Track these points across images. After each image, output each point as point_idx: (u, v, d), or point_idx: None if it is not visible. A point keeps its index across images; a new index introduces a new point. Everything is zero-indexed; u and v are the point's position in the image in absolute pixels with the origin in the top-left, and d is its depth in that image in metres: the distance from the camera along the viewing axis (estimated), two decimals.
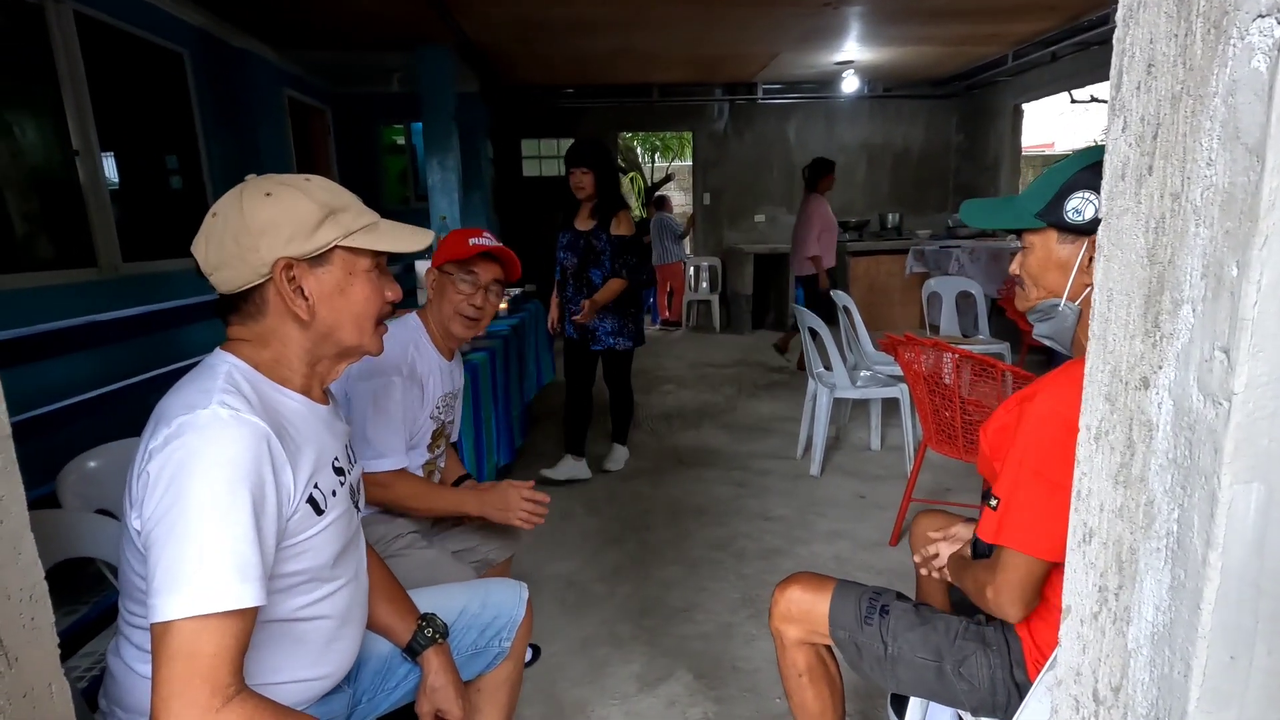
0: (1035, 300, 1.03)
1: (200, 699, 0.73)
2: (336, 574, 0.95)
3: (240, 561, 0.76)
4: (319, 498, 0.90)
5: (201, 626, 0.74)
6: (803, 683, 1.26)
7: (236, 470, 0.78)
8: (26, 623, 0.62)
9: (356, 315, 0.92)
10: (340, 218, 0.89)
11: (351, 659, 1.02)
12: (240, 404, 0.82)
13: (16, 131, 3.08)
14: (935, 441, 2.27)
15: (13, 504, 0.62)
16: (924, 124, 7.89)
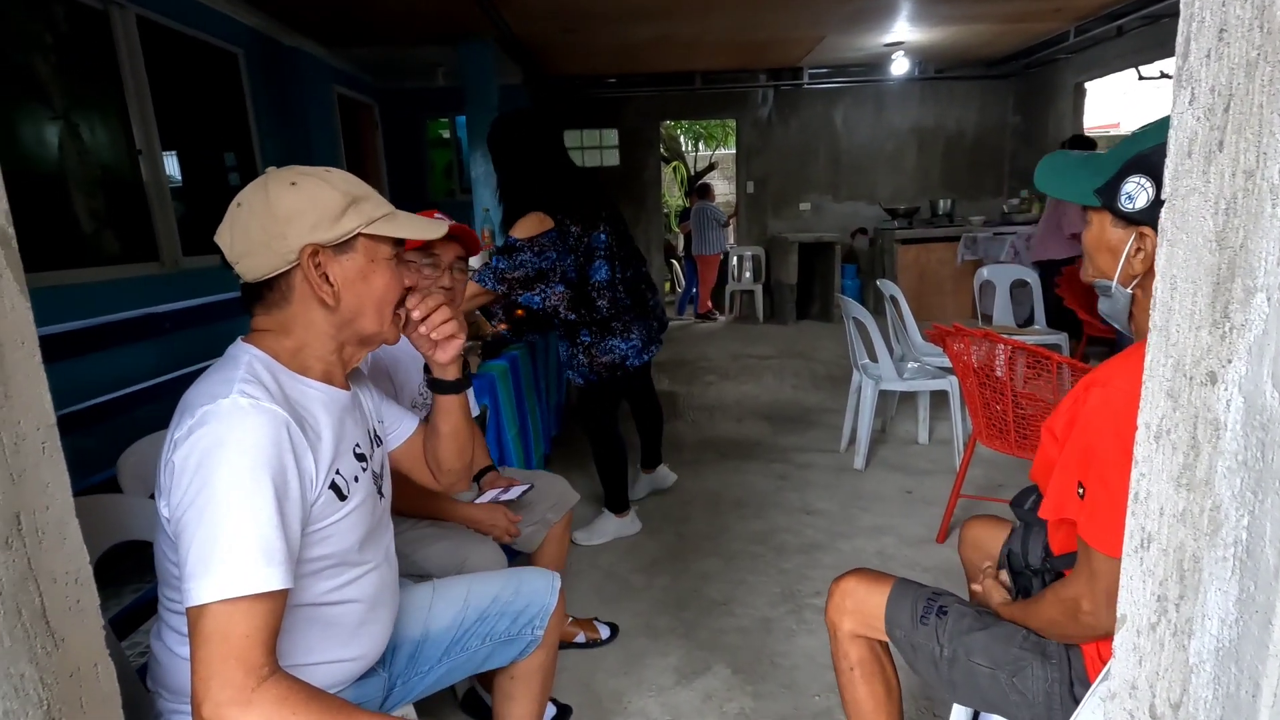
0: (1091, 277, 0.97)
1: (236, 678, 0.75)
2: (364, 558, 0.97)
3: (265, 545, 0.79)
4: (341, 484, 0.92)
5: (232, 609, 0.76)
6: (854, 676, 1.22)
7: (258, 457, 0.80)
8: (73, 605, 0.64)
9: (377, 301, 0.94)
10: (362, 206, 0.91)
11: (383, 641, 1.04)
12: (260, 393, 0.84)
13: (84, 132, 3.23)
14: (986, 436, 2.19)
15: (59, 490, 0.64)
16: (978, 106, 7.60)
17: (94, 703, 0.67)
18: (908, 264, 6.77)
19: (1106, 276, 0.94)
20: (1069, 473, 0.90)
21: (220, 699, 0.75)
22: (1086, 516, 0.87)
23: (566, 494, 1.87)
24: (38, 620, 0.61)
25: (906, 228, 6.89)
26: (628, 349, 2.40)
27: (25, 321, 0.61)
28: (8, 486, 0.58)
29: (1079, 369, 1.89)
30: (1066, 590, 0.94)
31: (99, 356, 2.54)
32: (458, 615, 1.18)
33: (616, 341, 2.39)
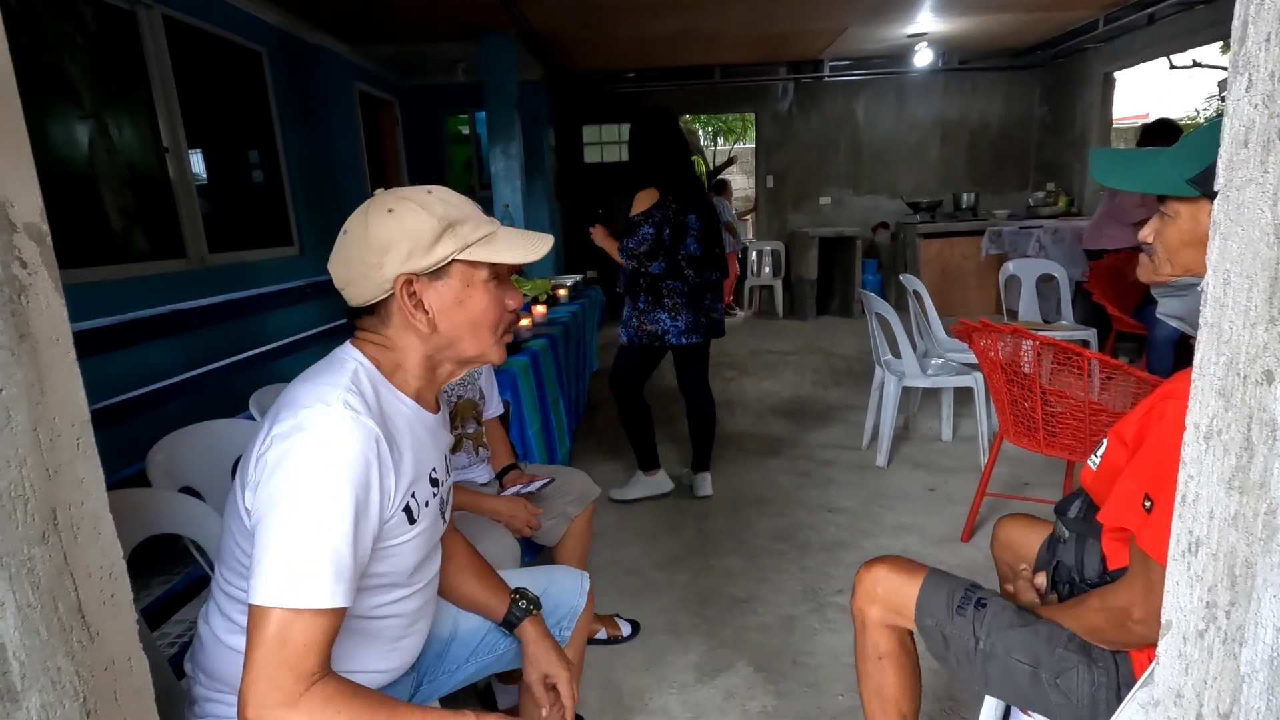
0: (1168, 276, 0.91)
1: (285, 684, 0.77)
2: (414, 580, 0.98)
3: (338, 565, 0.80)
4: (414, 507, 0.91)
5: (295, 618, 0.77)
6: (882, 665, 1.21)
7: (348, 473, 0.81)
8: (107, 599, 0.65)
9: (474, 325, 0.92)
10: (459, 230, 0.89)
11: (415, 654, 1.04)
12: (360, 405, 0.84)
13: (113, 131, 3.28)
14: (1013, 434, 2.15)
15: (93, 485, 0.64)
16: (1003, 97, 7.47)
17: (127, 696, 0.67)
18: (930, 259, 6.68)
19: (1194, 273, 0.87)
20: (1137, 483, 0.87)
21: (266, 702, 0.76)
22: (1152, 530, 0.84)
23: (588, 488, 1.88)
24: (73, 614, 0.61)
25: (929, 222, 6.80)
26: (670, 325, 2.68)
27: (60, 319, 0.61)
28: (44, 482, 0.59)
29: (1110, 365, 1.85)
30: (1116, 599, 0.92)
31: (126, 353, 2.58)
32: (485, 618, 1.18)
33: (663, 315, 2.67)
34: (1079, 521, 1.05)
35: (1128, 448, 0.91)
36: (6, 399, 0.56)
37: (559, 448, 2.51)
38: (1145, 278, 0.97)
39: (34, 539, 0.57)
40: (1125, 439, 0.93)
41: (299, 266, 4.53)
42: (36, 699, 0.57)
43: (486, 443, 1.83)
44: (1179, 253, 0.89)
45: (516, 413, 2.13)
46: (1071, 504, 1.08)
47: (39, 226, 0.60)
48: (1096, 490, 0.99)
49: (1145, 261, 0.96)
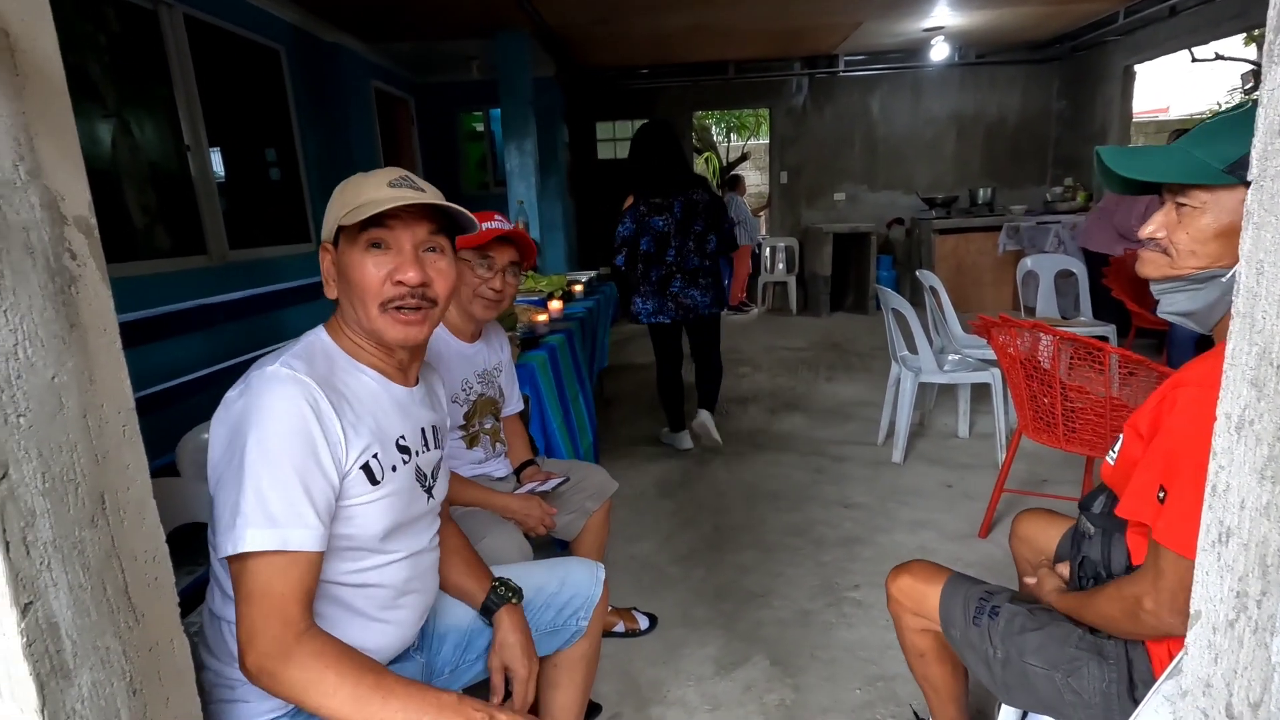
0: (1191, 269, 0.88)
1: (275, 632, 0.82)
2: (389, 548, 0.98)
3: (288, 506, 0.83)
4: (375, 468, 0.93)
5: (269, 567, 0.82)
6: (925, 660, 1.25)
7: (286, 424, 0.85)
8: (151, 582, 0.67)
9: (357, 292, 0.93)
10: (352, 198, 0.93)
11: (408, 632, 1.04)
12: (302, 367, 0.89)
13: (135, 130, 3.33)
14: (1032, 430, 2.14)
15: (138, 471, 0.66)
16: (1020, 91, 7.40)
17: (170, 676, 0.69)
18: (945, 254, 6.64)
19: (1221, 263, 0.85)
20: (1151, 475, 0.86)
21: (263, 650, 0.81)
22: (1165, 519, 0.84)
23: (605, 483, 1.89)
24: (120, 596, 0.63)
25: (945, 217, 6.75)
26: (643, 308, 3.26)
27: (107, 309, 0.63)
28: (93, 467, 0.61)
29: (1132, 360, 1.83)
30: (1130, 587, 0.92)
31: (152, 347, 2.63)
32: None
33: (638, 299, 3.27)
34: (1104, 517, 1.04)
35: (1143, 439, 0.91)
36: (59, 385, 0.58)
37: (580, 441, 2.52)
38: (1158, 273, 0.92)
39: (84, 522, 0.59)
40: (1140, 430, 0.92)
41: (316, 263, 4.58)
42: (88, 677, 0.59)
43: (504, 438, 1.84)
44: (1208, 244, 0.86)
45: (538, 407, 2.14)
46: (1095, 499, 1.08)
47: (87, 219, 0.62)
48: (1116, 483, 0.99)
49: (1155, 257, 0.92)
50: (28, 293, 0.55)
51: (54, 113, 0.59)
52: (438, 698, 0.84)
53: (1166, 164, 0.88)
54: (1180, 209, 0.88)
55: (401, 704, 0.82)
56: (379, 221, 0.91)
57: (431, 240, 0.96)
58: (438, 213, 0.96)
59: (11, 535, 0.53)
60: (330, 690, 0.81)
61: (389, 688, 0.83)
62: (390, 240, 0.93)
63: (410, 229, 0.93)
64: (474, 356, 1.69)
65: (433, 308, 0.97)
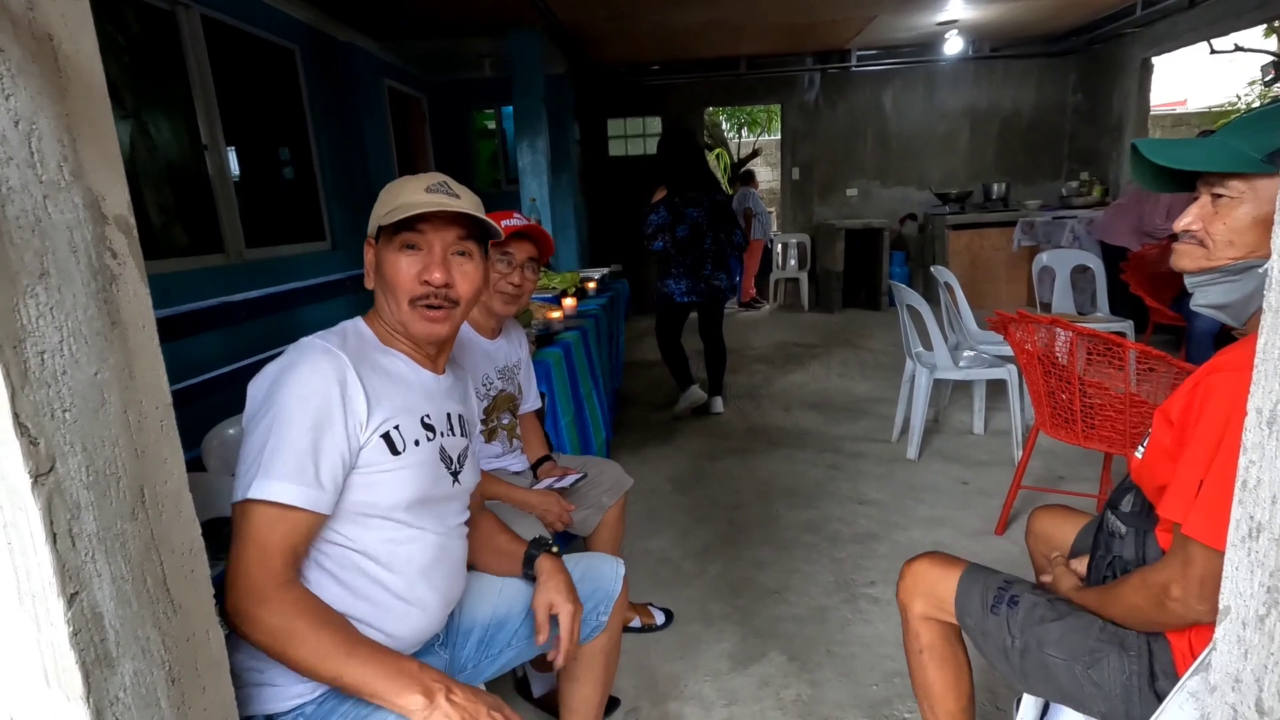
0: (1225, 260, 0.88)
1: (258, 578, 0.86)
2: (413, 520, 1.01)
3: (297, 464, 0.88)
4: (396, 439, 0.98)
5: (266, 516, 0.87)
6: (922, 660, 1.22)
7: (308, 389, 0.91)
8: (188, 574, 0.68)
9: (389, 288, 1.01)
10: (393, 201, 1.00)
11: (434, 620, 1.05)
12: (336, 341, 0.97)
13: (153, 130, 3.37)
14: (1050, 426, 2.13)
15: (175, 466, 0.68)
16: (1035, 85, 7.32)
17: (206, 666, 0.71)
18: (959, 250, 6.59)
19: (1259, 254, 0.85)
20: (1195, 470, 0.85)
21: (242, 592, 0.85)
22: (1199, 510, 0.83)
23: (621, 478, 1.90)
24: (159, 587, 0.65)
25: (958, 213, 6.70)
26: (675, 288, 3.71)
27: (146, 307, 0.64)
28: (133, 461, 0.62)
29: (1151, 356, 1.82)
30: (1155, 576, 0.91)
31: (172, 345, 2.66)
32: (527, 600, 1.21)
33: (670, 281, 3.72)
34: (1135, 515, 1.03)
35: (1173, 426, 0.90)
36: (101, 381, 0.59)
37: (594, 439, 2.53)
38: (1195, 265, 0.92)
39: (125, 515, 0.61)
40: (1171, 417, 0.91)
41: (332, 261, 4.61)
42: (129, 666, 0.61)
43: (520, 434, 1.86)
44: (1245, 234, 0.86)
45: (550, 404, 2.15)
46: (1122, 497, 1.07)
47: (127, 219, 0.63)
48: (1143, 475, 0.98)
49: (1191, 249, 0.93)
50: (72, 291, 0.56)
51: (95, 115, 0.60)
52: (399, 664, 0.87)
53: (1205, 154, 0.88)
54: (1217, 200, 0.89)
55: (362, 662, 0.85)
56: (413, 224, 0.98)
57: (460, 245, 1.02)
58: (469, 218, 1.01)
59: (59, 527, 0.54)
60: (299, 640, 0.85)
61: (354, 646, 0.87)
62: (422, 242, 1.00)
63: (440, 233, 1.00)
64: (495, 352, 1.71)
65: (455, 308, 1.03)
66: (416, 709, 0.83)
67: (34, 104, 0.54)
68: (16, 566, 0.54)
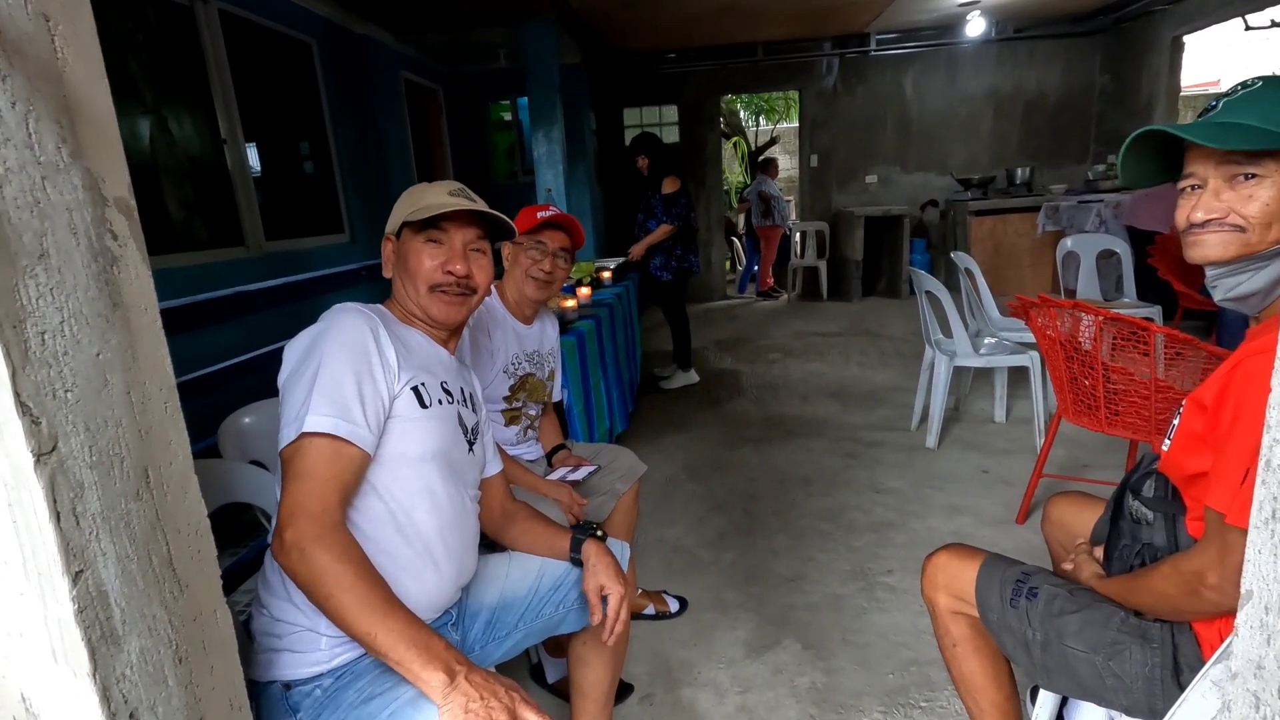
0: (1266, 245, 0.84)
1: (316, 510, 0.89)
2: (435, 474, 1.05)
3: (343, 404, 0.94)
4: (424, 395, 1.06)
5: (318, 452, 0.92)
6: (957, 654, 1.19)
7: (350, 337, 0.99)
8: (194, 554, 0.69)
9: (410, 275, 1.12)
10: (417, 203, 1.11)
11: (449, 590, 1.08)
12: (365, 309, 1.06)
13: (172, 125, 3.41)
14: (1072, 413, 2.08)
15: (180, 448, 0.68)
16: (1061, 66, 7.14)
17: (214, 645, 0.71)
18: (982, 236, 6.47)
19: None
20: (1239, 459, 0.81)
21: (302, 527, 0.88)
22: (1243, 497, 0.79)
23: (634, 465, 1.89)
24: (165, 566, 0.65)
25: (981, 198, 6.57)
26: (695, 262, 4.27)
27: (148, 289, 0.65)
28: (137, 442, 0.63)
29: (1179, 340, 1.77)
30: (1189, 563, 0.88)
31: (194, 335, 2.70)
32: (533, 583, 1.21)
33: (692, 257, 4.23)
34: (1162, 500, 1.00)
35: (1207, 411, 0.86)
36: (103, 362, 0.59)
37: (597, 428, 2.53)
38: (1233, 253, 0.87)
39: (130, 495, 0.61)
40: (1205, 402, 0.87)
41: (350, 253, 4.65)
42: (136, 644, 0.61)
43: (538, 426, 1.86)
44: None
45: (565, 394, 2.15)
46: (1144, 482, 1.04)
47: (127, 201, 0.63)
48: (1171, 465, 0.94)
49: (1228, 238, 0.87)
50: (72, 272, 0.57)
51: (93, 96, 0.60)
52: (429, 639, 0.87)
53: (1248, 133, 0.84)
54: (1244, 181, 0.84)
55: (398, 625, 0.86)
56: (437, 222, 1.11)
57: (478, 243, 1.16)
58: (484, 221, 1.16)
59: (62, 506, 0.55)
60: (346, 585, 0.86)
61: (393, 607, 0.88)
62: (444, 238, 1.13)
63: (462, 231, 1.14)
64: (526, 336, 1.76)
65: (472, 295, 1.16)
66: (437, 685, 0.84)
67: (30, 86, 0.54)
68: (22, 544, 0.55)
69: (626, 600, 1.16)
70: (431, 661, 0.84)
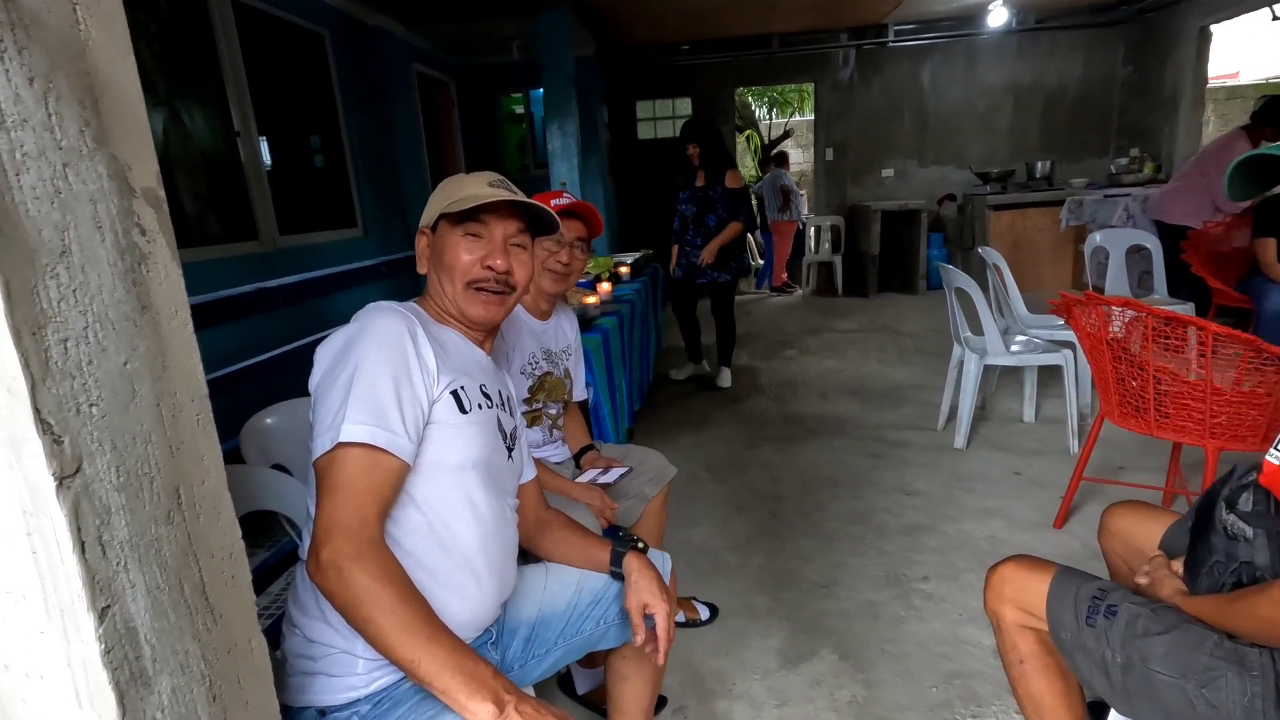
0: None
1: (354, 526, 0.83)
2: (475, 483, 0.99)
3: (382, 410, 0.87)
4: (464, 399, 0.99)
5: (354, 463, 0.85)
6: (1024, 670, 1.12)
7: (388, 339, 0.93)
8: (228, 580, 0.63)
9: (447, 270, 1.05)
10: (454, 195, 1.05)
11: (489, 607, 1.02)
12: (402, 308, 0.99)
13: (185, 118, 3.36)
14: (1118, 415, 2.00)
15: (213, 463, 0.62)
16: (1083, 58, 7.01)
17: (249, 678, 0.66)
18: (1001, 231, 6.37)
19: None
20: None
21: (339, 544, 0.81)
22: None
23: (663, 468, 1.83)
24: (198, 596, 0.59)
25: (1000, 193, 6.47)
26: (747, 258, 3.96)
27: (178, 289, 0.59)
28: (167, 459, 0.57)
29: (1235, 339, 1.69)
30: None
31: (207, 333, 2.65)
32: (572, 597, 1.15)
33: (745, 254, 3.81)
34: (1263, 516, 0.93)
35: None
36: (131, 372, 0.53)
37: (620, 427, 2.47)
38: None
39: (160, 519, 0.55)
40: None
41: (363, 247, 4.60)
42: (167, 683, 0.55)
43: (562, 425, 1.80)
44: None
45: (594, 393, 2.09)
46: (1240, 495, 0.96)
47: (156, 192, 0.57)
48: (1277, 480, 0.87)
49: None
50: (97, 271, 0.51)
51: (119, 74, 0.54)
52: (475, 665, 0.81)
53: None
54: None
55: (443, 651, 0.80)
56: (477, 214, 1.04)
57: (519, 237, 1.09)
58: (525, 214, 1.09)
59: (87, 534, 0.49)
60: (387, 607, 0.80)
61: (438, 632, 0.82)
62: (484, 232, 1.06)
63: (503, 224, 1.07)
64: (543, 334, 1.69)
65: (511, 293, 1.09)
66: (486, 717, 0.78)
67: (50, 60, 0.47)
68: (43, 578, 0.49)
69: (673, 618, 1.09)
70: (479, 690, 0.78)
